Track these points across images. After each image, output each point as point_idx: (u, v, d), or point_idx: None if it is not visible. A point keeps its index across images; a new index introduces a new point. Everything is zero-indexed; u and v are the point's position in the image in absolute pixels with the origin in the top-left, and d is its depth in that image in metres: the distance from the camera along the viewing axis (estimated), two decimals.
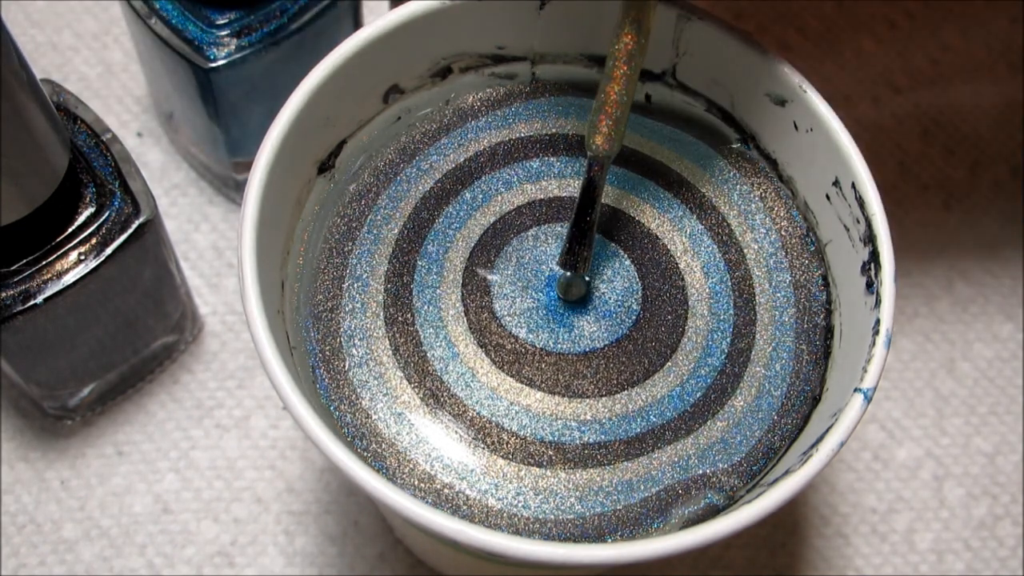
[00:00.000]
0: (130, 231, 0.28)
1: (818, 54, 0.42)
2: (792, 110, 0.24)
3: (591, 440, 0.23)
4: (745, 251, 0.25)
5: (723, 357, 0.24)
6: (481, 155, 0.25)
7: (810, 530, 0.35)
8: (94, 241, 0.27)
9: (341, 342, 0.23)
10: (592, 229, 0.23)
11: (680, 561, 0.34)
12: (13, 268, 0.27)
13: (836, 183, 0.23)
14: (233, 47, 0.30)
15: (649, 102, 0.26)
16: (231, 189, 0.37)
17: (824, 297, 0.24)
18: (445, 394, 0.23)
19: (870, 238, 0.22)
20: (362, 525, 0.34)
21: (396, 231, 0.24)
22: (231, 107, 0.32)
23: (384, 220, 0.24)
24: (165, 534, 0.33)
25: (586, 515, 0.22)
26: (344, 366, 0.23)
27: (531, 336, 0.23)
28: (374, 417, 0.23)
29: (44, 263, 0.27)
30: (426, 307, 0.24)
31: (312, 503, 0.34)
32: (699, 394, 0.23)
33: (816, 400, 0.23)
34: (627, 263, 0.24)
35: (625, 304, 0.24)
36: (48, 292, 0.27)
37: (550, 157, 0.25)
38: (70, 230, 0.27)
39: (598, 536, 0.22)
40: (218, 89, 0.31)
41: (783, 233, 0.25)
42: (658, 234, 0.25)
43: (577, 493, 0.22)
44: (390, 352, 0.23)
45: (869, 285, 0.22)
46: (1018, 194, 0.40)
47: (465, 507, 0.22)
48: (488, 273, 0.24)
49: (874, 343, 0.21)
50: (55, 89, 0.28)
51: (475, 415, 0.23)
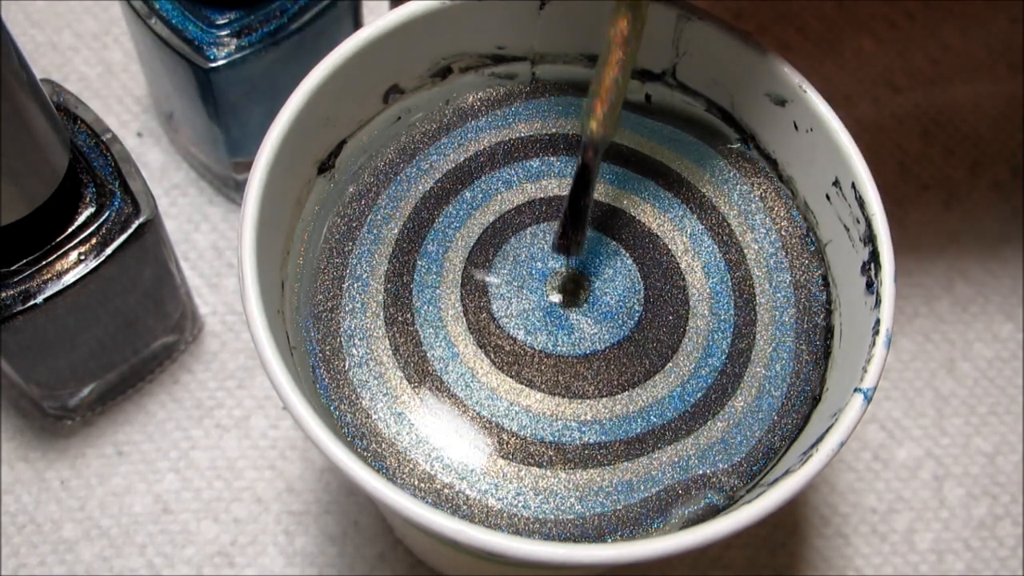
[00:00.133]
0: (130, 231, 0.28)
1: (818, 54, 0.42)
2: (792, 110, 0.24)
3: (591, 440, 0.23)
4: (745, 251, 0.25)
5: (723, 357, 0.24)
6: (481, 155, 0.25)
7: (810, 530, 0.35)
8: (94, 241, 0.27)
9: (341, 342, 0.23)
10: (586, 214, 0.23)
11: (680, 561, 0.34)
12: (13, 268, 0.27)
13: (836, 183, 0.23)
14: (233, 47, 0.30)
15: (649, 102, 0.26)
16: (231, 189, 0.37)
17: (824, 297, 0.24)
18: (445, 394, 0.23)
19: (870, 238, 0.22)
20: (362, 525, 0.34)
21: (396, 231, 0.24)
22: (231, 107, 0.32)
23: (384, 220, 0.24)
24: (165, 534, 0.33)
25: (586, 515, 0.22)
26: (344, 366, 0.23)
27: (529, 338, 0.23)
28: (374, 417, 0.23)
29: (44, 263, 0.27)
30: (426, 307, 0.24)
31: (312, 503, 0.34)
32: (699, 394, 0.23)
33: (816, 400, 0.23)
34: (628, 262, 0.24)
35: (627, 305, 0.24)
36: (48, 292, 0.27)
37: (550, 157, 0.25)
38: (70, 230, 0.27)
39: (598, 536, 0.22)
40: (218, 89, 0.31)
41: (783, 233, 0.25)
42: (659, 234, 0.25)
43: (577, 493, 0.22)
44: (390, 352, 0.23)
45: (869, 285, 0.22)
46: (1018, 194, 0.40)
47: (465, 507, 0.22)
48: (486, 273, 0.24)
49: (874, 343, 0.21)
50: (55, 89, 0.28)
51: (475, 415, 0.23)
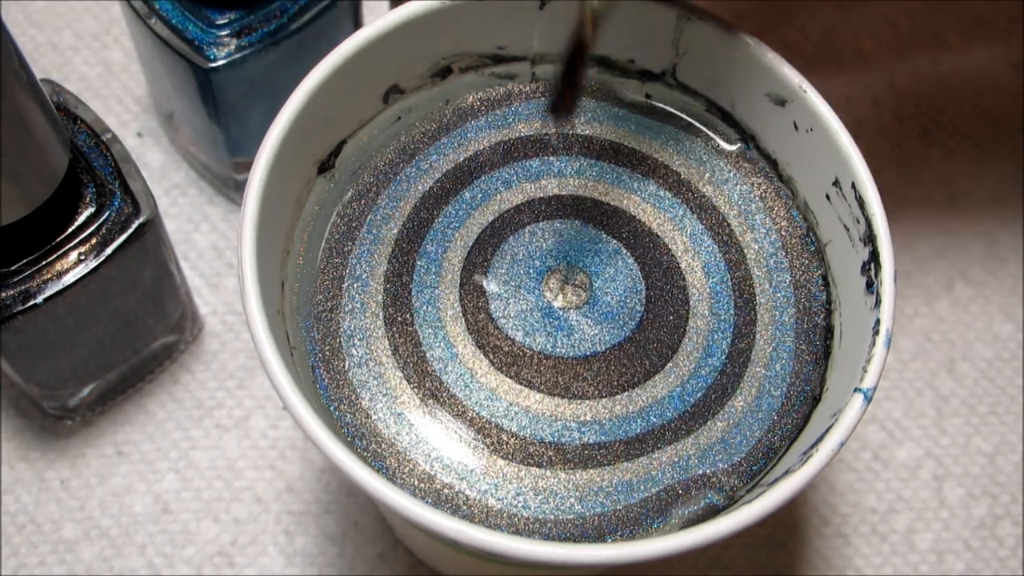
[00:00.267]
0: (130, 231, 0.28)
1: (818, 54, 0.42)
2: (792, 110, 0.24)
3: (591, 441, 0.23)
4: (745, 251, 0.25)
5: (723, 357, 0.24)
6: (480, 155, 0.25)
7: (810, 530, 0.35)
8: (94, 241, 0.27)
9: (341, 342, 0.23)
10: (580, 74, 0.22)
11: (680, 561, 0.34)
12: (13, 268, 0.27)
13: (836, 183, 0.23)
14: (233, 47, 0.30)
15: (649, 102, 0.26)
16: (231, 189, 0.37)
17: (824, 297, 0.24)
18: (444, 394, 0.23)
19: (870, 238, 0.22)
20: (362, 525, 0.34)
21: (396, 231, 0.24)
22: (231, 107, 0.32)
23: (384, 220, 0.24)
24: (165, 534, 0.33)
25: (586, 515, 0.22)
26: (344, 366, 0.23)
27: (528, 339, 0.23)
28: (374, 417, 0.23)
29: (44, 263, 0.27)
30: (425, 307, 0.24)
31: (312, 503, 0.34)
32: (699, 394, 0.23)
33: (816, 400, 0.23)
34: (630, 261, 0.24)
35: (628, 305, 0.24)
36: (48, 292, 0.27)
37: (550, 157, 0.25)
38: (70, 230, 0.27)
39: (598, 536, 0.22)
40: (218, 89, 0.31)
41: (783, 233, 0.25)
42: (659, 233, 0.25)
43: (577, 493, 0.22)
44: (389, 352, 0.23)
45: (869, 285, 0.22)
46: (1018, 194, 0.40)
47: (465, 507, 0.22)
48: (484, 273, 0.24)
49: (874, 343, 0.21)
50: (55, 89, 0.28)
51: (475, 415, 0.23)
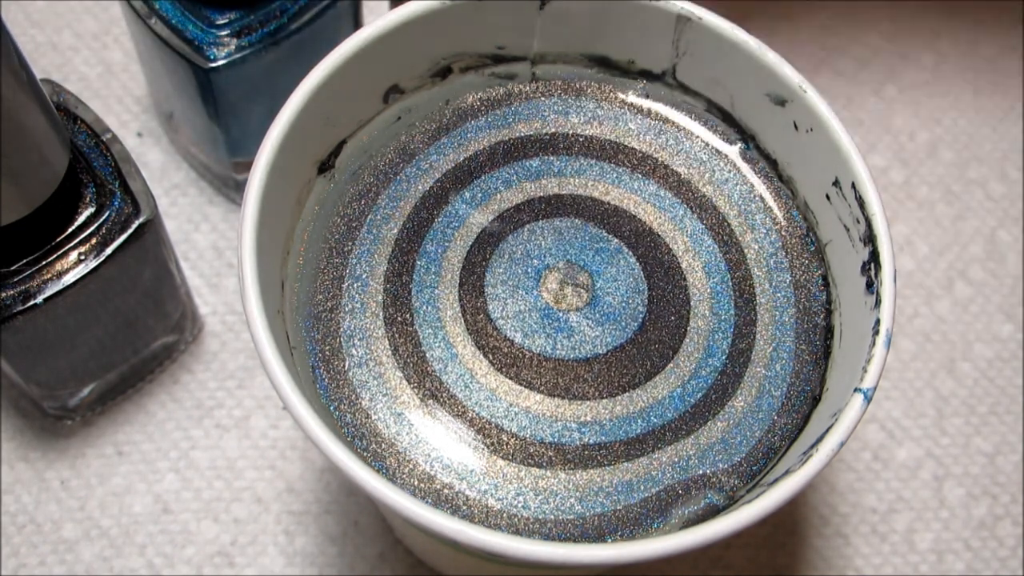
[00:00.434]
0: (130, 231, 0.28)
1: (818, 54, 0.42)
2: (792, 110, 0.24)
3: (591, 441, 0.23)
4: (745, 251, 0.25)
5: (724, 358, 0.24)
6: (481, 154, 0.25)
7: (810, 530, 0.35)
8: (94, 241, 0.27)
9: (341, 342, 0.23)
10: None
11: (680, 561, 0.34)
12: (13, 268, 0.27)
13: (836, 183, 0.23)
14: (233, 47, 0.30)
15: (649, 102, 0.26)
16: (231, 189, 0.37)
17: (824, 297, 0.24)
18: (444, 395, 0.23)
19: (870, 238, 0.22)
20: (362, 525, 0.34)
21: (396, 231, 0.24)
22: (231, 107, 0.32)
23: (384, 220, 0.24)
24: (165, 534, 0.33)
25: (586, 515, 0.22)
26: (344, 366, 0.23)
27: (527, 341, 0.23)
28: (374, 417, 0.23)
29: (44, 263, 0.27)
30: (425, 307, 0.24)
31: (312, 503, 0.34)
32: (700, 395, 0.23)
33: (816, 400, 0.23)
34: (632, 260, 0.24)
35: (631, 306, 0.24)
36: (48, 292, 0.27)
37: (550, 156, 0.25)
38: (70, 230, 0.27)
39: (598, 536, 0.22)
40: (218, 89, 0.31)
41: (783, 233, 0.25)
42: (660, 233, 0.25)
43: (577, 494, 0.22)
44: (389, 352, 0.23)
45: (869, 285, 0.22)
46: (1018, 194, 0.40)
47: (465, 507, 0.22)
48: (483, 273, 0.24)
49: (874, 343, 0.21)
50: (55, 89, 0.28)
51: (474, 416, 0.23)
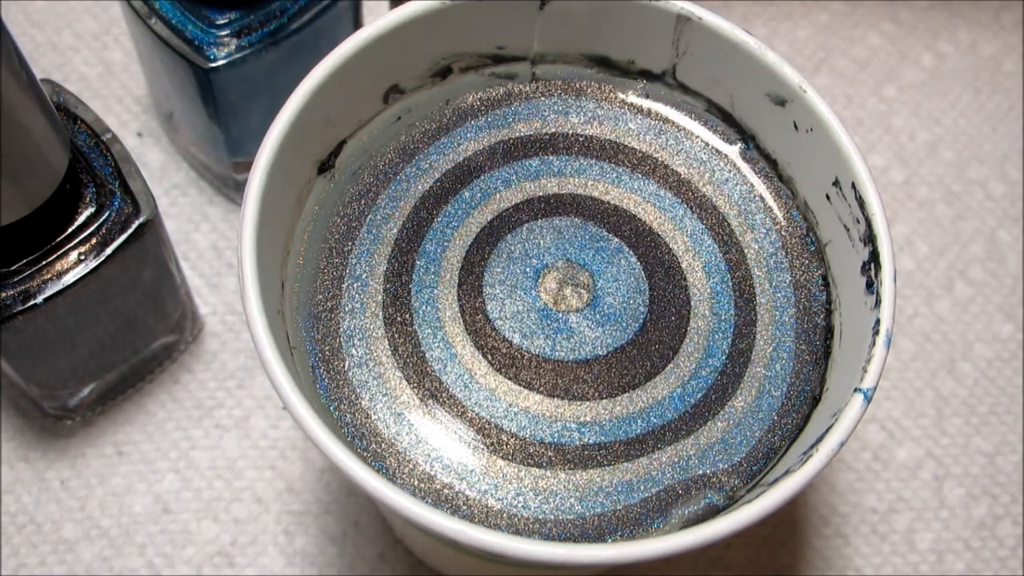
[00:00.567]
0: (130, 231, 0.28)
1: (818, 53, 0.42)
2: (792, 110, 0.24)
3: (591, 441, 0.23)
4: (746, 251, 0.25)
5: (724, 358, 0.24)
6: (480, 154, 0.25)
7: (810, 530, 0.35)
8: (94, 241, 0.27)
9: (341, 342, 0.23)
10: None
11: (680, 561, 0.34)
12: (13, 268, 0.27)
13: (836, 183, 0.23)
14: (233, 47, 0.30)
15: (649, 102, 0.26)
16: (231, 189, 0.37)
17: (824, 297, 0.24)
18: (444, 395, 0.23)
19: (870, 238, 0.22)
20: (362, 525, 0.34)
21: (395, 231, 0.24)
22: (231, 107, 0.32)
23: (384, 220, 0.24)
24: (165, 534, 0.33)
25: (586, 515, 0.22)
26: (344, 366, 0.23)
27: (525, 342, 0.23)
28: (374, 417, 0.23)
29: (44, 263, 0.27)
30: (424, 307, 0.24)
31: (312, 503, 0.34)
32: (700, 395, 0.23)
33: (816, 400, 0.23)
34: (633, 260, 0.24)
35: (632, 306, 0.24)
36: (48, 292, 0.27)
37: (549, 156, 0.25)
38: (70, 230, 0.27)
39: (598, 536, 0.22)
40: (218, 89, 0.31)
41: (783, 233, 0.25)
42: (660, 232, 0.25)
43: (577, 494, 0.22)
44: (389, 352, 0.23)
45: (869, 285, 0.22)
46: (1018, 194, 0.40)
47: (465, 507, 0.22)
48: (482, 272, 0.24)
49: (874, 343, 0.21)
50: (55, 89, 0.28)
51: (474, 416, 0.23)
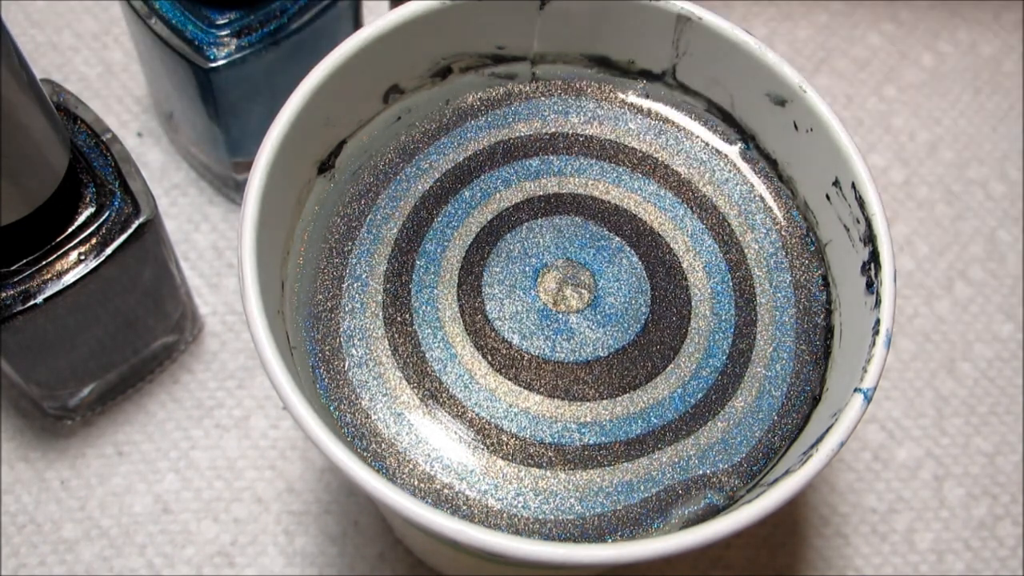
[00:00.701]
0: (130, 231, 0.28)
1: (818, 53, 0.42)
2: (792, 110, 0.24)
3: (591, 442, 0.23)
4: (746, 251, 0.25)
5: (724, 358, 0.24)
6: (480, 154, 0.25)
7: (810, 530, 0.35)
8: (94, 241, 0.27)
9: (341, 342, 0.23)
10: None
11: (680, 561, 0.34)
12: (13, 268, 0.27)
13: (836, 183, 0.23)
14: (233, 47, 0.30)
15: (649, 102, 0.26)
16: (231, 189, 0.37)
17: (824, 297, 0.24)
18: (444, 395, 0.23)
19: (870, 238, 0.22)
20: (362, 525, 0.34)
21: (395, 231, 0.24)
22: (231, 107, 0.32)
23: (384, 220, 0.24)
24: (165, 534, 0.33)
25: (586, 515, 0.22)
26: (344, 366, 0.23)
27: (525, 343, 0.23)
28: (374, 417, 0.23)
29: (44, 263, 0.27)
30: (424, 307, 0.24)
31: (312, 503, 0.34)
32: (700, 395, 0.23)
33: (816, 400, 0.23)
34: (634, 259, 0.24)
35: (634, 307, 0.24)
36: (48, 292, 0.27)
37: (549, 156, 0.25)
38: (70, 230, 0.27)
39: (598, 536, 0.22)
40: (218, 89, 0.31)
41: (783, 233, 0.25)
42: (660, 232, 0.25)
43: (577, 494, 0.22)
44: (389, 352, 0.23)
45: (869, 285, 0.22)
46: (1018, 194, 0.40)
47: (465, 507, 0.22)
48: (481, 272, 0.24)
49: (874, 343, 0.21)
50: (55, 89, 0.28)
51: (474, 416, 0.23)
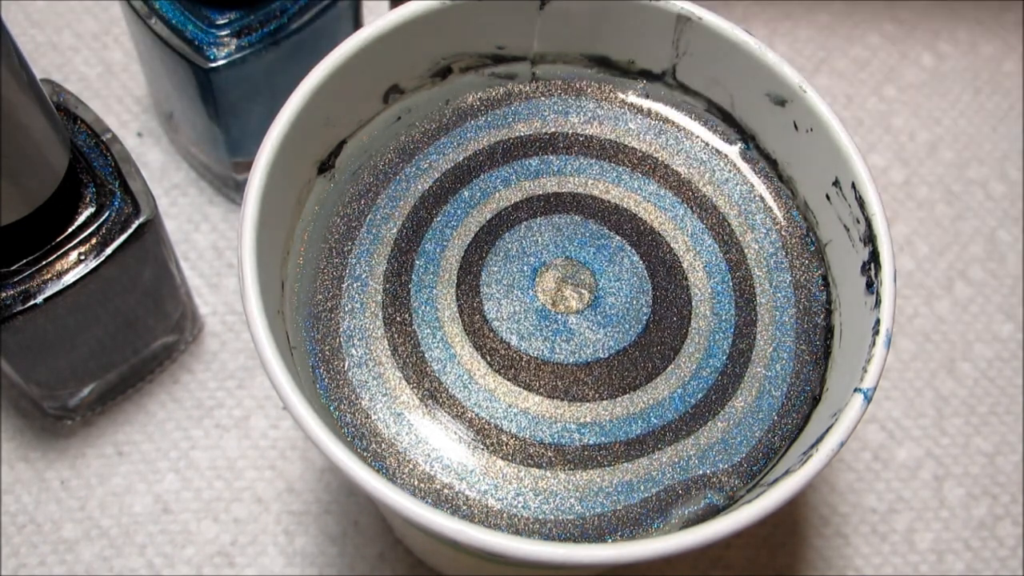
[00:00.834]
0: (130, 231, 0.28)
1: (818, 53, 0.42)
2: (792, 110, 0.24)
3: (591, 442, 0.23)
4: (746, 251, 0.25)
5: (724, 358, 0.23)
6: (480, 154, 0.25)
7: (810, 530, 0.35)
8: (94, 241, 0.27)
9: (340, 342, 0.23)
10: None
11: (680, 561, 0.34)
12: (13, 268, 0.27)
13: (836, 183, 0.23)
14: (233, 47, 0.30)
15: (649, 102, 0.26)
16: (231, 189, 0.37)
17: (824, 297, 0.24)
18: (444, 395, 0.23)
19: (870, 238, 0.22)
20: (362, 525, 0.34)
21: (395, 231, 0.24)
22: (231, 107, 0.32)
23: (383, 219, 0.24)
24: (165, 534, 0.33)
25: (586, 515, 0.22)
26: (344, 366, 0.23)
27: (523, 344, 0.23)
28: (374, 417, 0.23)
29: (44, 263, 0.27)
30: (423, 307, 0.24)
31: (312, 503, 0.34)
32: (700, 395, 0.23)
33: (816, 400, 0.23)
34: (635, 259, 0.24)
35: (635, 307, 0.24)
36: (48, 292, 0.27)
37: (549, 156, 0.25)
38: (70, 230, 0.27)
39: (598, 536, 0.22)
40: (218, 89, 0.31)
41: (783, 233, 0.25)
42: (661, 232, 0.25)
43: (577, 494, 0.22)
44: (389, 352, 0.23)
45: (869, 285, 0.22)
46: (1018, 194, 0.40)
47: (465, 507, 0.22)
48: (479, 272, 0.24)
49: (874, 343, 0.21)
50: (55, 89, 0.28)
51: (474, 416, 0.23)
